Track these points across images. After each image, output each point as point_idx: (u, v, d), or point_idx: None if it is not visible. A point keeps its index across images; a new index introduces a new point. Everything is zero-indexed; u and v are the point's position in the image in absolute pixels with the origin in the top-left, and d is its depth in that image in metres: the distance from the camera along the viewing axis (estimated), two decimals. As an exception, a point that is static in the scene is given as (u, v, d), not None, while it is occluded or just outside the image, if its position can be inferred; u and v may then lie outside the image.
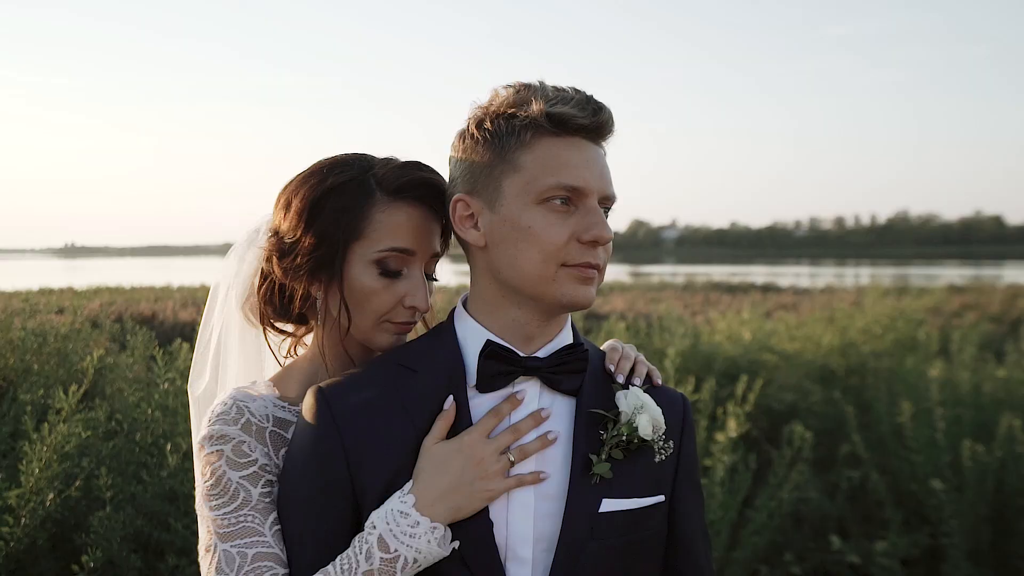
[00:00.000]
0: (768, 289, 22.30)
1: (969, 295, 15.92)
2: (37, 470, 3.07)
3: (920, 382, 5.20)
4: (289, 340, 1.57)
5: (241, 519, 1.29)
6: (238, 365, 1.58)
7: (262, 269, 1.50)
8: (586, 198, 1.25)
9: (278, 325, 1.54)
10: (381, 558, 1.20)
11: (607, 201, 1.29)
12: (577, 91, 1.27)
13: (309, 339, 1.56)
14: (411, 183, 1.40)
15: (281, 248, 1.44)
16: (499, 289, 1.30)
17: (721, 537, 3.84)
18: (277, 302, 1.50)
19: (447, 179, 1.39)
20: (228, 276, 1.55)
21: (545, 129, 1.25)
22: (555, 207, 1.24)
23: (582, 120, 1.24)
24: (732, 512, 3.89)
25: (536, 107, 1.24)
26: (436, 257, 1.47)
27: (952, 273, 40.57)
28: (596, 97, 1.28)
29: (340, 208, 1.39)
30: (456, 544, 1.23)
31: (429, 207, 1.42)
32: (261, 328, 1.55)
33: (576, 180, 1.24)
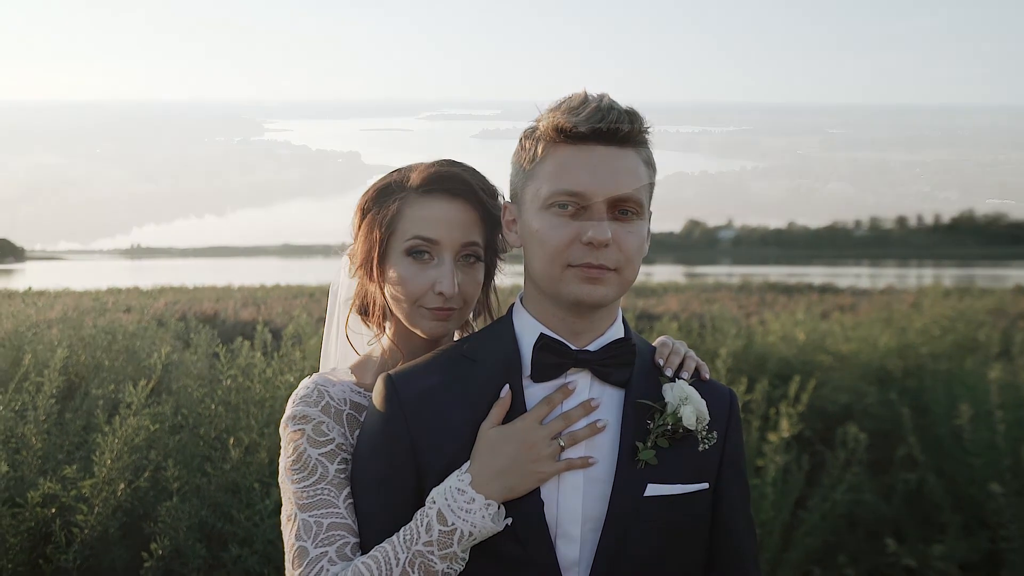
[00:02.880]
0: (826, 290, 21.92)
1: (1036, 297, 15.44)
2: (109, 461, 3.21)
3: (980, 384, 5.08)
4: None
5: (319, 492, 1.41)
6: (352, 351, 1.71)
7: None
8: (590, 201, 1.32)
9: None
10: (439, 530, 1.30)
11: (623, 203, 1.33)
12: (601, 99, 1.33)
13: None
14: (434, 177, 1.52)
15: (352, 251, 1.61)
16: (535, 287, 1.41)
17: (773, 537, 3.83)
18: (357, 301, 1.65)
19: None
20: (338, 276, 1.71)
21: (554, 140, 1.34)
22: (558, 211, 1.32)
23: (582, 128, 1.31)
24: (785, 513, 3.88)
25: (545, 122, 1.35)
26: (474, 246, 1.54)
27: (1019, 274, 39.32)
28: (618, 104, 1.33)
29: (378, 209, 1.54)
30: (509, 520, 1.32)
31: (460, 200, 1.52)
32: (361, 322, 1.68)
33: (575, 185, 1.31)
